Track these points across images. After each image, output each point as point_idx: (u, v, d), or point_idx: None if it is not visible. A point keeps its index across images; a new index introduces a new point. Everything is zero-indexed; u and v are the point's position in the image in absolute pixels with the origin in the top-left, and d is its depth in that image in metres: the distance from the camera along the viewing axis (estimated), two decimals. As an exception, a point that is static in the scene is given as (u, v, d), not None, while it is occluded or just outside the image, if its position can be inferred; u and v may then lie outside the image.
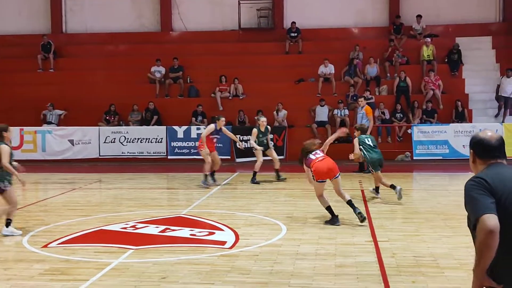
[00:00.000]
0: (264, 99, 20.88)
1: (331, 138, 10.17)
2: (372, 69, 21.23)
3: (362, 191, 12.90)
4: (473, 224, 3.28)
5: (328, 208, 9.37)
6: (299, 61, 22.58)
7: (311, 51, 22.71)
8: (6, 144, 8.93)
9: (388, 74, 21.58)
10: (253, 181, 14.36)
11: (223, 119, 14.08)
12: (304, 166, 9.54)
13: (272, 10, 23.63)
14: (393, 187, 11.25)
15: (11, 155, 8.83)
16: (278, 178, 14.83)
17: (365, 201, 11.47)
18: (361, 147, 11.60)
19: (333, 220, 9.28)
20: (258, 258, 7.33)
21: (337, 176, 9.32)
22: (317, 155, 9.37)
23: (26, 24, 24.09)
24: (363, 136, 11.83)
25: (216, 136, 14.09)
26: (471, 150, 3.58)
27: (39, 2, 24.23)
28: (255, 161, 14.63)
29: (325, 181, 9.27)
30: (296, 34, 22.97)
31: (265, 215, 10.11)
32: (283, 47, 23.02)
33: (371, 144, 11.65)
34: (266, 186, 14.08)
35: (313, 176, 9.27)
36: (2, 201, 8.94)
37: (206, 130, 14.02)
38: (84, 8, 24.24)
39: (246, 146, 17.17)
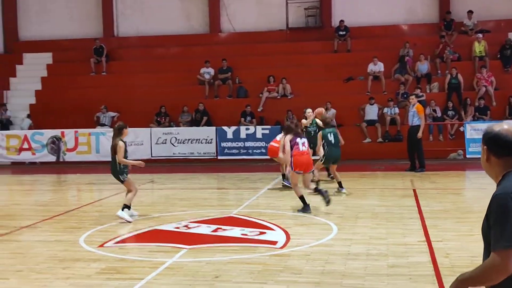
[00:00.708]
0: (313, 98, 20.76)
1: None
2: (423, 66, 20.92)
3: (414, 190, 12.75)
4: (496, 247, 2.73)
5: (301, 198, 10.37)
6: (347, 59, 22.44)
7: (360, 49, 22.54)
8: (122, 141, 9.99)
9: (439, 71, 21.22)
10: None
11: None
12: (286, 141, 10.43)
13: (320, 8, 23.54)
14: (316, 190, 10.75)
15: (125, 150, 10.02)
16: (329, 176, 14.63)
17: (417, 201, 11.33)
18: (323, 141, 12.44)
19: (305, 208, 10.29)
20: (310, 258, 7.35)
21: (310, 172, 10.75)
22: (303, 147, 10.46)
23: (79, 29, 24.71)
24: (327, 130, 12.53)
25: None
26: (485, 147, 2.97)
27: (91, 7, 24.81)
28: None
29: (301, 172, 10.43)
30: (344, 32, 22.84)
31: (316, 215, 10.11)
32: (332, 45, 22.92)
33: (332, 141, 12.43)
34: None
35: (291, 163, 10.42)
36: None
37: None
38: (134, 12, 24.70)
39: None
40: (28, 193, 14.89)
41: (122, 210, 9.96)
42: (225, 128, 19.53)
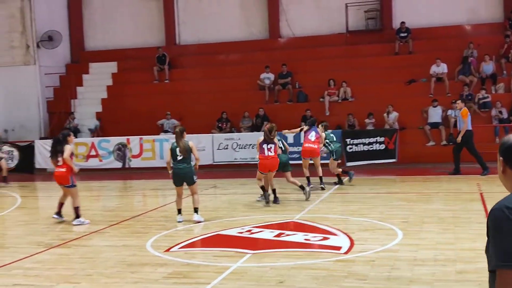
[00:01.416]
0: (374, 101, 20.63)
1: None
2: (488, 67, 20.35)
3: (481, 194, 12.43)
4: (495, 266, 2.47)
5: (262, 187, 12.25)
6: (409, 61, 22.09)
7: (422, 50, 22.15)
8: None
9: (505, 72, 20.59)
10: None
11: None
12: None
13: (380, 11, 23.29)
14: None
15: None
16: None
17: (484, 205, 11.03)
18: (326, 141, 14.60)
19: (264, 195, 12.17)
20: (375, 263, 7.28)
21: (273, 172, 12.21)
22: (269, 153, 12.05)
23: (142, 38, 25.30)
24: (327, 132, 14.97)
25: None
26: (501, 158, 2.70)
27: (154, 17, 25.37)
28: (367, 164, 14.55)
29: (266, 173, 12.12)
30: (406, 34, 22.50)
31: (380, 220, 10.00)
32: (393, 48, 22.62)
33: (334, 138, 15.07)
34: (379, 190, 13.91)
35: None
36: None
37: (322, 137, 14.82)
38: (195, 20, 25.10)
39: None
40: (96, 199, 15.33)
41: (196, 213, 10.55)
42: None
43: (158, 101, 22.66)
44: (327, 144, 14.79)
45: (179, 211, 10.66)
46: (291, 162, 13.36)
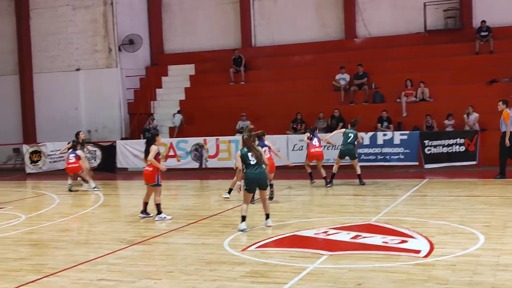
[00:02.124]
0: (453, 102, 20.13)
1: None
2: None
3: None
4: None
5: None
6: (490, 61, 21.40)
7: (503, 50, 21.39)
8: None
9: None
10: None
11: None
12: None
13: (459, 9, 22.67)
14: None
15: None
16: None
17: None
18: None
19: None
20: (456, 268, 7.12)
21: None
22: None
23: (219, 40, 25.71)
24: (348, 130, 15.64)
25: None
26: None
27: (230, 19, 25.72)
28: (446, 167, 14.21)
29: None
30: (486, 33, 21.80)
31: (460, 223, 9.76)
32: (473, 47, 21.96)
33: (348, 139, 15.43)
34: (459, 193, 13.56)
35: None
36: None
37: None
38: (270, 22, 25.26)
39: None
40: (175, 198, 15.70)
41: (269, 218, 10.33)
42: (361, 133, 19.29)
43: (234, 103, 22.97)
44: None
45: (244, 219, 10.00)
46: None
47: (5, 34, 26.39)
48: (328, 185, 15.31)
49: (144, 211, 11.78)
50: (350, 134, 15.53)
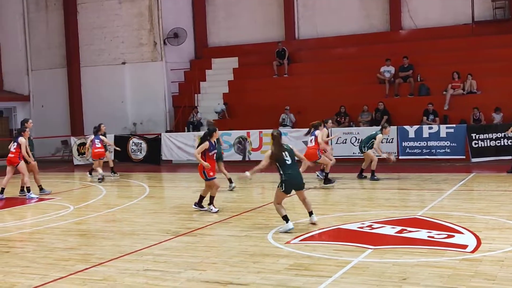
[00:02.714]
0: (502, 94, 19.68)
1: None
2: None
3: None
4: None
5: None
6: (542, 52, 20.82)
7: (556, 40, 20.80)
8: None
9: None
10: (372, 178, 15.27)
11: (330, 121, 15.91)
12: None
13: (509, 0, 22.08)
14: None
15: None
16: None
17: None
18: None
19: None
20: (504, 264, 6.98)
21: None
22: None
23: (262, 33, 25.71)
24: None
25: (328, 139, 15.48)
26: None
27: (273, 12, 25.69)
28: (494, 160, 13.90)
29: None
30: (537, 24, 21.21)
31: (508, 219, 9.56)
32: (523, 38, 21.41)
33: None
34: (508, 188, 13.27)
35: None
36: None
37: (324, 135, 14.93)
38: (314, 14, 25.12)
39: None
40: (219, 190, 15.79)
41: (313, 214, 9.94)
42: (406, 127, 19.09)
43: (277, 95, 22.96)
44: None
45: (287, 218, 9.43)
46: None
47: (53, 29, 26.99)
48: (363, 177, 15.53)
49: (210, 203, 11.57)
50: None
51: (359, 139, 19.55)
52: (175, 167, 21.74)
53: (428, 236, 8.57)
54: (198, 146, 11.58)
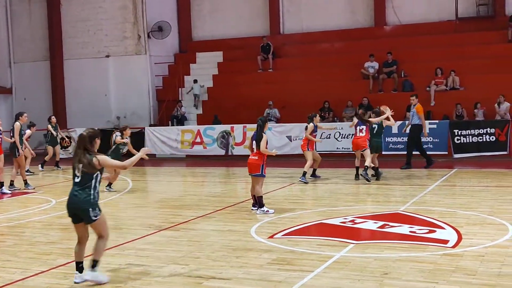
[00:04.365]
0: (484, 91, 19.82)
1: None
2: None
3: None
4: None
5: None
6: (523, 49, 20.99)
7: (537, 37, 20.98)
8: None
9: None
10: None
11: (318, 116, 15.43)
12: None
13: (492, -3, 22.27)
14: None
15: None
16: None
17: None
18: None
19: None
20: (484, 259, 7.05)
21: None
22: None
23: (247, 27, 25.64)
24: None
25: (315, 133, 15.03)
26: None
27: (259, 6, 25.64)
28: (476, 156, 14.02)
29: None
30: (520, 21, 21.39)
31: (489, 214, 9.66)
32: (505, 35, 21.59)
33: (374, 131, 14.59)
34: (489, 184, 13.40)
35: None
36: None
37: (308, 130, 14.73)
38: (300, 9, 25.11)
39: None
40: (202, 185, 15.82)
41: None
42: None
43: (261, 90, 22.94)
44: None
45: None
46: None
47: (36, 21, 26.72)
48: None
49: (256, 203, 10.76)
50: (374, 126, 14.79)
51: (342, 134, 19.66)
52: (158, 161, 21.67)
53: (410, 231, 8.63)
54: (257, 141, 10.57)
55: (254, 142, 10.64)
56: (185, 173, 19.07)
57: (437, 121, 18.87)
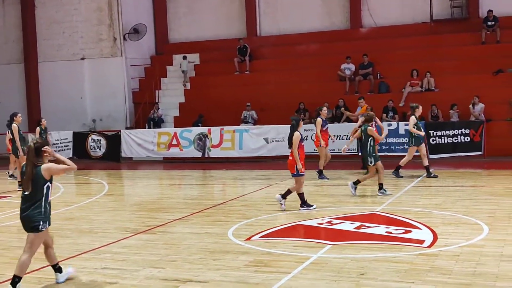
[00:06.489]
0: (459, 92, 20.06)
1: None
2: None
3: None
4: None
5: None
6: (497, 51, 21.27)
7: (510, 39, 21.27)
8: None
9: None
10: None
11: (325, 108, 15.12)
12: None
13: (466, -1, 22.55)
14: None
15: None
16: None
17: None
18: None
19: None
20: (459, 258, 7.12)
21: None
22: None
23: (223, 30, 25.62)
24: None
25: (327, 127, 15.03)
26: None
27: (235, 8, 25.62)
28: (451, 157, 14.14)
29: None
30: (493, 23, 21.66)
31: (464, 214, 9.75)
32: (479, 37, 21.84)
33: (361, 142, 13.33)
34: (464, 184, 13.54)
35: None
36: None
37: (317, 125, 14.77)
38: (276, 11, 25.16)
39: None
40: (179, 188, 15.74)
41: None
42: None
43: (239, 92, 22.93)
44: None
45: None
46: None
47: (10, 23, 26.38)
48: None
49: (304, 203, 10.88)
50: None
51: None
52: (135, 164, 21.53)
53: (386, 232, 8.69)
54: (289, 141, 10.73)
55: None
56: (162, 176, 18.97)
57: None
